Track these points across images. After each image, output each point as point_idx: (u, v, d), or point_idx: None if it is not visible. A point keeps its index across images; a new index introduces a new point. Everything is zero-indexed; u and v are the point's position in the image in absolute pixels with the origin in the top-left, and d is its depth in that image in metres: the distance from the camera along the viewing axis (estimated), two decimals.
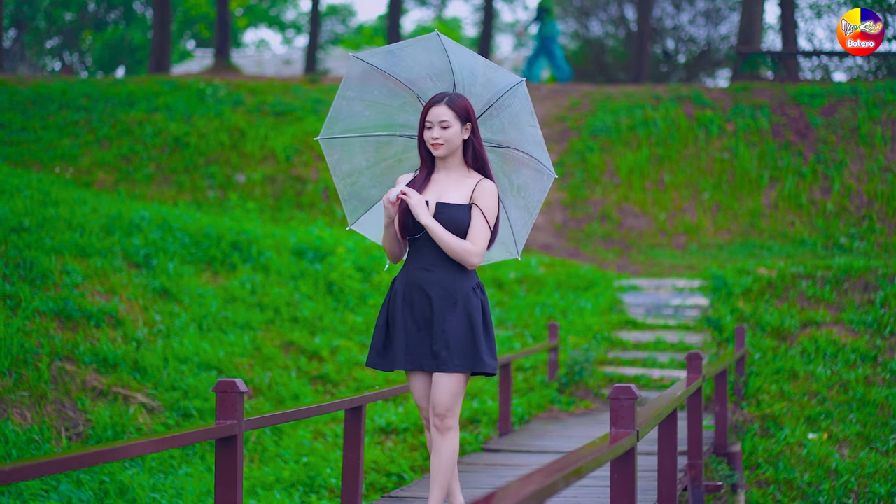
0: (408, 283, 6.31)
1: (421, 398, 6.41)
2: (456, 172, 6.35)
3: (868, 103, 22.91)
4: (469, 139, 6.33)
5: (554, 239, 20.63)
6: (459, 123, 6.27)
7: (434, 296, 6.23)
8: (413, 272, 6.31)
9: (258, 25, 50.95)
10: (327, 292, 15.03)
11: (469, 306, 6.23)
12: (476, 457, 10.57)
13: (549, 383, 13.86)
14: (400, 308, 6.30)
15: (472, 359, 6.22)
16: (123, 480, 9.62)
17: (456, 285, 6.24)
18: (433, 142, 6.27)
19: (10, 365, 10.51)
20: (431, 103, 6.28)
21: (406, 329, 6.29)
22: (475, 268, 6.28)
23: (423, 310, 6.26)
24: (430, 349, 6.24)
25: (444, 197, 6.29)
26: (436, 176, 6.38)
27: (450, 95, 6.29)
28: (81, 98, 22.82)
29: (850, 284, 15.66)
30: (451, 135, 6.26)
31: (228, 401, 6.17)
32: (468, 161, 6.35)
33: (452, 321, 6.20)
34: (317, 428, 11.89)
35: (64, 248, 12.89)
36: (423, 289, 6.26)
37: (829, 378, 13.74)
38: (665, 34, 33.77)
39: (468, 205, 6.26)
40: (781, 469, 12.19)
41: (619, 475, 5.84)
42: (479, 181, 6.29)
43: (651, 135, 22.91)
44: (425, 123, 6.30)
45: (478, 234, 6.23)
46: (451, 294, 6.22)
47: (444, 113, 6.25)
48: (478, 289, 6.31)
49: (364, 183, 6.68)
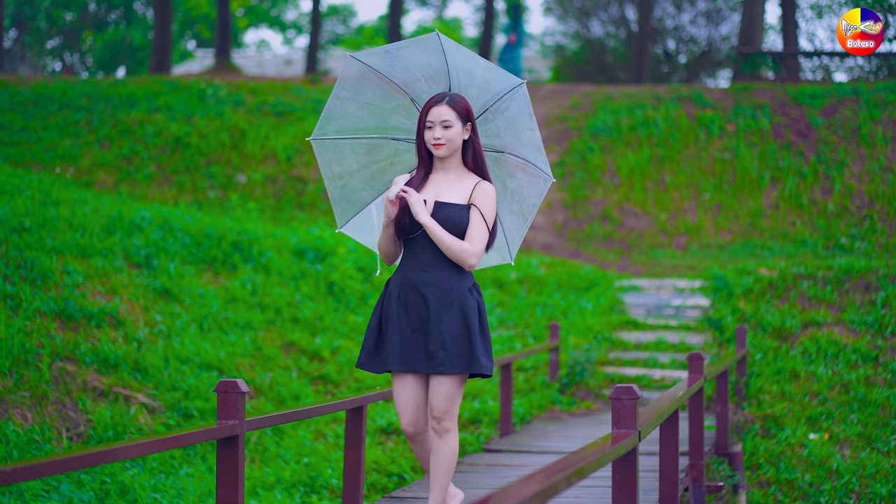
0: (403, 283, 6.24)
1: (403, 403, 6.30)
2: (454, 173, 6.30)
3: (869, 104, 22.91)
4: (469, 139, 6.28)
5: (555, 239, 20.63)
6: (461, 123, 6.23)
7: (430, 296, 6.16)
8: (409, 272, 6.24)
9: (259, 26, 50.97)
10: (328, 293, 15.02)
11: (465, 307, 6.16)
12: (477, 457, 10.56)
13: (550, 383, 13.85)
14: (394, 309, 6.22)
15: (468, 360, 6.15)
16: (124, 481, 9.61)
17: (452, 285, 6.17)
18: (435, 142, 6.22)
19: (11, 365, 10.50)
20: (432, 103, 6.23)
21: (401, 330, 6.20)
22: (473, 269, 6.24)
23: (419, 310, 6.18)
24: (426, 350, 6.16)
25: (442, 196, 6.23)
26: (434, 176, 6.32)
27: (450, 95, 6.25)
28: (82, 98, 22.82)
29: (852, 285, 15.65)
30: (453, 135, 6.22)
31: (230, 401, 6.16)
32: (467, 162, 6.30)
33: (449, 322, 6.13)
34: (317, 428, 11.88)
35: (65, 249, 12.88)
36: (418, 289, 6.18)
37: (830, 378, 13.73)
38: (666, 34, 33.77)
39: (466, 205, 6.20)
40: (782, 469, 12.19)
41: (620, 475, 5.83)
42: (478, 182, 6.25)
43: (652, 135, 22.91)
44: (426, 123, 6.24)
45: (476, 235, 6.18)
46: (447, 294, 6.16)
47: (445, 113, 6.20)
48: (474, 289, 6.25)
49: (354, 185, 6.62)
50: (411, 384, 6.27)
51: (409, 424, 6.33)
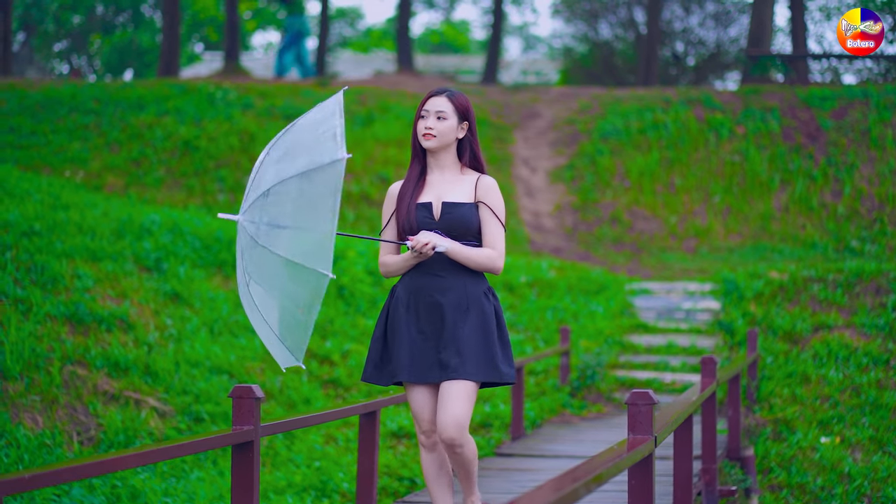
0: (412, 289, 5.99)
1: (422, 409, 6.03)
2: (450, 172, 6.07)
3: (878, 106, 22.88)
4: (465, 139, 6.08)
5: (564, 242, 20.61)
6: (457, 119, 6.01)
7: (445, 302, 5.92)
8: (419, 278, 5.98)
9: (266, 28, 50.98)
10: (338, 296, 15.01)
11: (483, 311, 5.93)
12: (489, 461, 10.55)
13: (560, 387, 13.83)
14: (403, 316, 5.99)
15: (487, 367, 5.90)
16: (135, 485, 9.60)
17: (468, 290, 5.93)
18: (426, 132, 5.98)
19: (22, 369, 10.50)
20: (431, 94, 6.04)
21: (411, 339, 5.96)
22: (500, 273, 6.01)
23: (432, 317, 5.94)
24: (438, 358, 5.91)
25: (446, 196, 6.01)
26: (430, 178, 6.08)
27: (452, 90, 6.06)
28: (91, 102, 22.82)
29: (862, 288, 15.61)
30: (446, 128, 6.00)
31: (245, 406, 6.13)
32: (464, 162, 6.09)
33: (465, 328, 5.88)
34: (328, 432, 11.87)
35: (75, 253, 12.88)
36: (432, 295, 5.93)
37: (841, 382, 13.70)
38: (674, 37, 33.74)
39: (474, 203, 5.99)
40: (794, 473, 12.16)
41: (636, 481, 5.79)
42: (480, 178, 6.03)
43: (661, 138, 22.89)
44: (421, 113, 6.04)
45: (496, 236, 5.97)
46: (462, 300, 5.92)
47: (442, 104, 6.00)
48: (489, 293, 6.01)
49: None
50: (426, 393, 6.03)
51: (429, 423, 6.05)
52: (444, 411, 5.90)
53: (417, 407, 6.06)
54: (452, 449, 5.93)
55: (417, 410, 6.07)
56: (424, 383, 6.01)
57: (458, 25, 53.28)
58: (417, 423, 6.11)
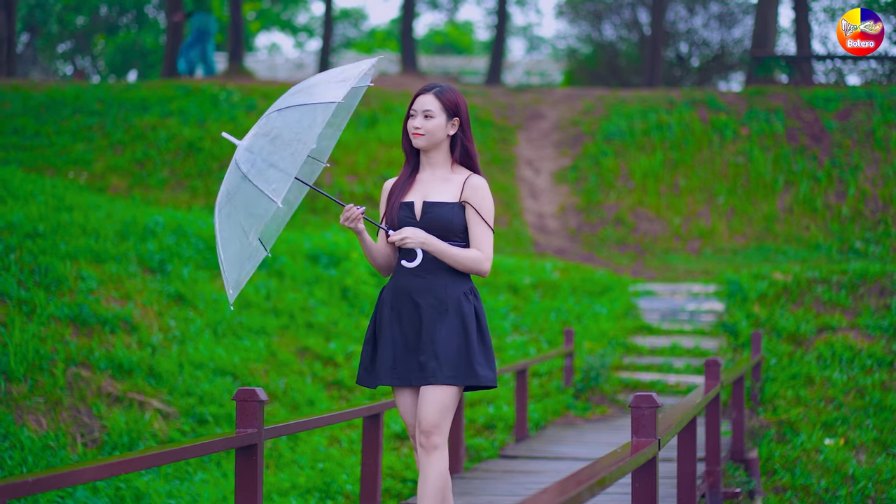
0: (396, 291, 5.92)
1: (407, 412, 5.96)
2: (441, 170, 6.00)
3: (883, 107, 22.87)
4: (457, 135, 5.99)
5: (568, 243, 20.60)
6: (445, 117, 5.93)
7: (423, 303, 5.85)
8: (402, 279, 5.92)
9: (270, 29, 50.99)
10: (342, 297, 15.01)
11: (461, 312, 5.84)
12: (493, 463, 10.55)
13: (564, 389, 13.83)
14: (387, 318, 5.92)
15: (464, 370, 5.80)
16: (139, 487, 9.61)
17: (447, 292, 5.84)
18: (414, 131, 5.92)
19: (26, 371, 10.50)
20: (419, 92, 5.98)
21: (393, 341, 5.89)
22: (487, 275, 5.92)
23: (412, 319, 5.87)
24: (418, 361, 5.83)
25: (430, 196, 5.95)
26: (420, 176, 6.02)
27: (440, 86, 5.99)
28: (95, 103, 22.82)
29: (866, 289, 15.60)
30: (434, 126, 5.93)
31: (249, 409, 6.14)
32: (455, 159, 6.01)
33: (443, 330, 5.80)
34: (332, 433, 11.87)
35: (79, 254, 12.87)
36: (411, 297, 5.87)
37: (845, 383, 13.68)
38: (678, 38, 33.73)
39: (459, 203, 5.92)
40: (798, 475, 12.14)
41: (640, 484, 5.79)
42: (468, 177, 5.94)
43: (665, 139, 22.88)
44: (410, 112, 5.97)
45: (482, 238, 5.90)
46: (441, 301, 5.83)
47: (429, 102, 5.93)
48: (470, 293, 5.91)
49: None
50: (412, 397, 5.96)
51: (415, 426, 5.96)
52: (419, 414, 5.84)
53: (403, 410, 6.01)
54: (425, 451, 5.82)
55: (403, 413, 6.02)
56: (408, 386, 5.94)
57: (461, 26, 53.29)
58: (407, 426, 6.05)
